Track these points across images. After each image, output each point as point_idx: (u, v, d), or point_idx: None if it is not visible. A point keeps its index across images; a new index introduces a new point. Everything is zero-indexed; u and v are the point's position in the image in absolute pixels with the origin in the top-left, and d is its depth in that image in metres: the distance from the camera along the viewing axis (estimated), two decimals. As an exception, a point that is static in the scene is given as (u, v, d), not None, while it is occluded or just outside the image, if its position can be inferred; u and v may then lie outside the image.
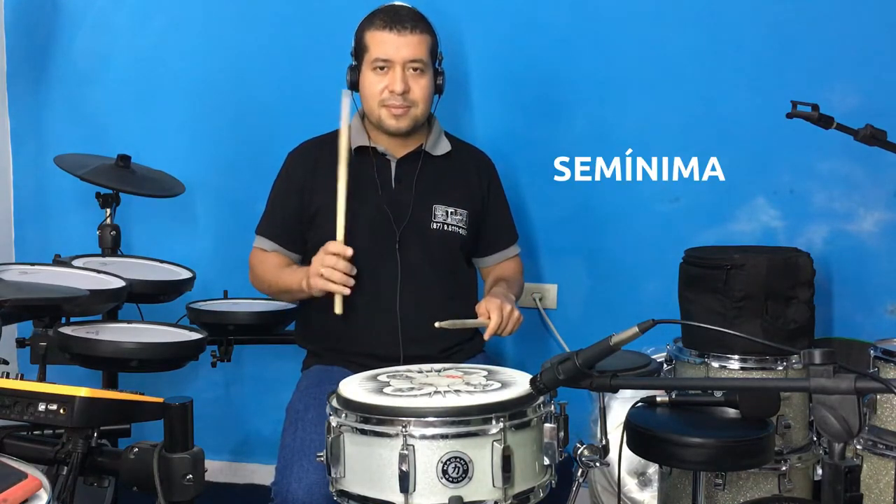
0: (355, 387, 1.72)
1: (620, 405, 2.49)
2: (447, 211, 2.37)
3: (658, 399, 2.15)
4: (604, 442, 1.86)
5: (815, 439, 2.40)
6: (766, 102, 2.74)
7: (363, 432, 1.61)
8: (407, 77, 2.27)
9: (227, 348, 2.78)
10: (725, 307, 2.33)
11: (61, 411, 1.69)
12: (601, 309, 2.95)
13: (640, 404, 2.14)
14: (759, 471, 2.30)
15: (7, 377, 1.82)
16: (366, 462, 1.61)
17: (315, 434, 2.00)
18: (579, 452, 1.79)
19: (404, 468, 1.54)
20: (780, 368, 2.36)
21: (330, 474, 1.66)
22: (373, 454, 1.59)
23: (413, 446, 1.55)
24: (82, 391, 1.71)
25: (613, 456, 2.00)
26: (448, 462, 1.55)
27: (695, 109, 2.85)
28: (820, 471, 2.41)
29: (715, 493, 2.30)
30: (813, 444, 2.40)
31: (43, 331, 2.25)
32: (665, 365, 2.51)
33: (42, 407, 1.70)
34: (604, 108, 2.90)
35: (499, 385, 1.71)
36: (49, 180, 3.26)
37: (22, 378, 1.87)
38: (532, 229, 2.95)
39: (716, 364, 2.36)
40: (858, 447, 2.14)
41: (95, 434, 1.76)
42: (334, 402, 1.69)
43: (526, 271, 2.63)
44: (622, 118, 2.89)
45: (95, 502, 2.17)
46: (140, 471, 1.70)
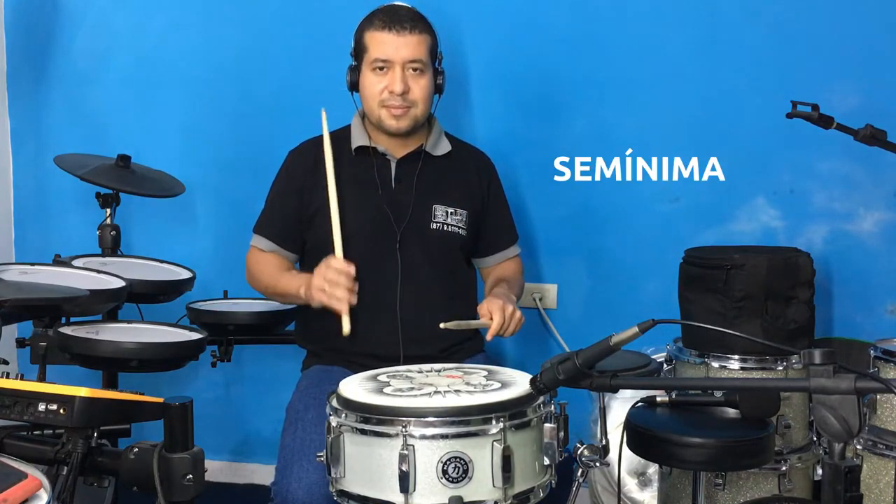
0: (355, 387, 1.72)
1: (620, 405, 2.49)
2: (447, 211, 2.37)
3: (658, 399, 2.15)
4: (604, 442, 1.86)
5: (815, 439, 2.40)
6: (766, 102, 2.74)
7: (363, 432, 1.61)
8: (406, 77, 2.27)
9: (227, 348, 2.77)
10: (725, 307, 2.33)
11: (61, 411, 1.69)
12: (601, 309, 2.95)
13: (640, 404, 2.14)
14: (759, 471, 2.30)
15: (7, 377, 1.82)
16: (366, 462, 1.61)
17: (315, 434, 2.00)
18: (579, 452, 1.79)
19: (404, 468, 1.54)
20: (780, 368, 2.36)
21: (330, 474, 1.66)
22: (373, 454, 1.59)
23: (413, 446, 1.55)
24: (82, 391, 1.71)
25: (613, 456, 2.00)
26: (448, 462, 1.55)
27: (695, 109, 2.85)
28: (820, 471, 2.41)
29: (715, 493, 2.30)
30: (813, 444, 2.40)
31: (43, 331, 2.25)
32: (665, 365, 2.51)
33: (42, 407, 1.70)
34: (604, 108, 2.90)
35: (499, 385, 1.71)
36: (49, 180, 3.25)
37: (22, 378, 1.87)
38: (532, 229, 2.95)
39: (716, 364, 2.36)
40: (858, 447, 2.14)
41: (95, 434, 1.75)
42: (334, 402, 1.69)
43: (526, 271, 2.62)
44: (622, 118, 2.89)
45: (95, 502, 2.17)
46: (140, 471, 1.69)
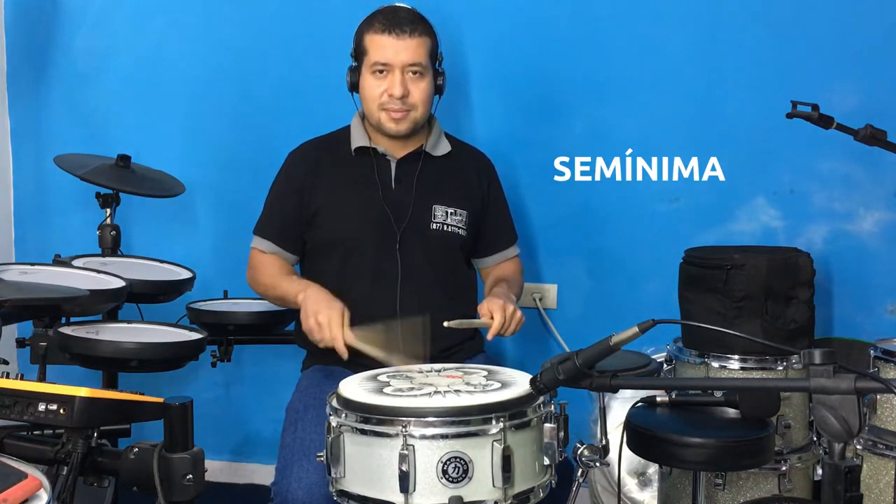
0: (355, 387, 1.72)
1: (620, 405, 2.49)
2: (447, 211, 2.36)
3: (658, 399, 2.15)
4: (604, 442, 1.86)
5: (815, 439, 2.40)
6: (766, 102, 2.74)
7: (363, 432, 1.60)
8: (406, 81, 2.26)
9: (227, 348, 2.77)
10: (725, 307, 2.33)
11: (61, 411, 1.69)
12: (601, 309, 2.95)
13: (640, 404, 2.14)
14: (759, 471, 2.30)
15: (7, 377, 1.82)
16: (366, 462, 1.60)
17: (315, 434, 2.00)
18: (579, 452, 1.79)
19: (404, 468, 1.54)
20: (780, 368, 2.36)
21: (330, 474, 1.66)
22: (373, 454, 1.59)
23: (413, 446, 1.55)
24: (82, 391, 1.70)
25: (613, 456, 2.00)
26: (448, 462, 1.55)
27: (695, 109, 2.85)
28: (820, 471, 2.41)
29: (715, 493, 2.30)
30: (813, 444, 2.40)
31: (43, 331, 2.25)
32: (665, 365, 2.51)
33: (42, 407, 1.70)
34: (604, 108, 2.90)
35: (499, 385, 1.70)
36: (49, 180, 3.25)
37: (22, 378, 1.87)
38: (532, 229, 2.95)
39: (716, 364, 2.36)
40: (858, 447, 2.14)
41: (95, 434, 1.75)
42: (334, 402, 1.69)
43: (526, 271, 2.63)
44: (622, 118, 2.89)
45: (95, 502, 2.17)
46: (140, 471, 1.69)
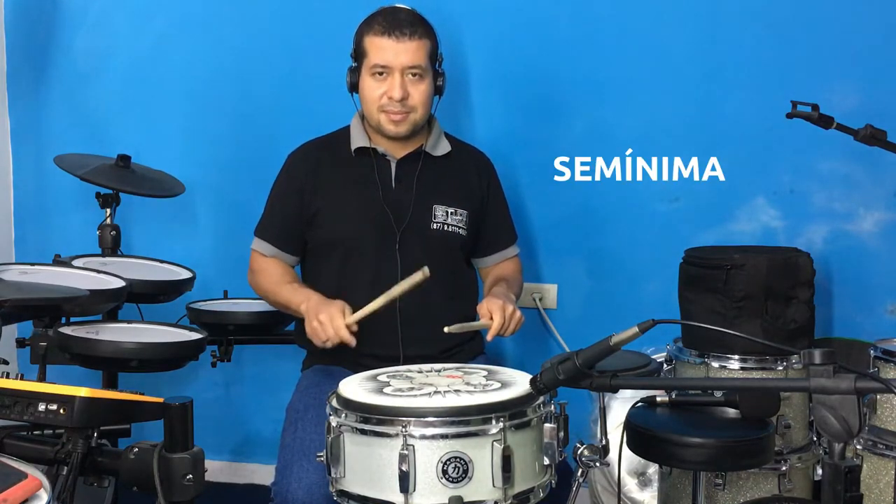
0: (355, 387, 1.72)
1: (620, 405, 2.49)
2: (447, 211, 2.36)
3: (658, 399, 2.15)
4: (604, 442, 1.86)
5: (815, 439, 2.40)
6: (766, 102, 2.74)
7: (363, 432, 1.60)
8: (406, 83, 2.26)
9: (227, 348, 2.77)
10: (725, 307, 2.33)
11: (61, 411, 1.69)
12: (601, 309, 2.95)
13: (640, 404, 2.14)
14: (759, 471, 2.30)
15: (7, 377, 1.82)
16: (366, 462, 1.61)
17: (315, 434, 2.00)
18: (579, 452, 1.78)
19: (404, 468, 1.54)
20: (780, 368, 2.36)
21: (330, 474, 1.66)
22: (373, 454, 1.59)
23: (413, 446, 1.55)
24: (82, 391, 1.70)
25: (613, 456, 2.00)
26: (448, 462, 1.55)
27: (695, 109, 2.84)
28: (820, 471, 2.41)
29: (715, 493, 2.30)
30: (813, 444, 2.40)
31: (43, 331, 2.25)
32: (665, 365, 2.51)
33: (42, 407, 1.69)
34: (603, 108, 2.90)
35: (499, 385, 1.70)
36: (49, 180, 3.25)
37: (22, 378, 1.87)
38: (532, 229, 2.95)
39: (716, 364, 2.36)
40: (858, 447, 2.14)
41: (95, 434, 1.75)
42: (334, 402, 1.69)
43: (526, 271, 2.63)
44: (622, 118, 2.89)
45: (95, 502, 2.17)
46: (140, 471, 1.69)
